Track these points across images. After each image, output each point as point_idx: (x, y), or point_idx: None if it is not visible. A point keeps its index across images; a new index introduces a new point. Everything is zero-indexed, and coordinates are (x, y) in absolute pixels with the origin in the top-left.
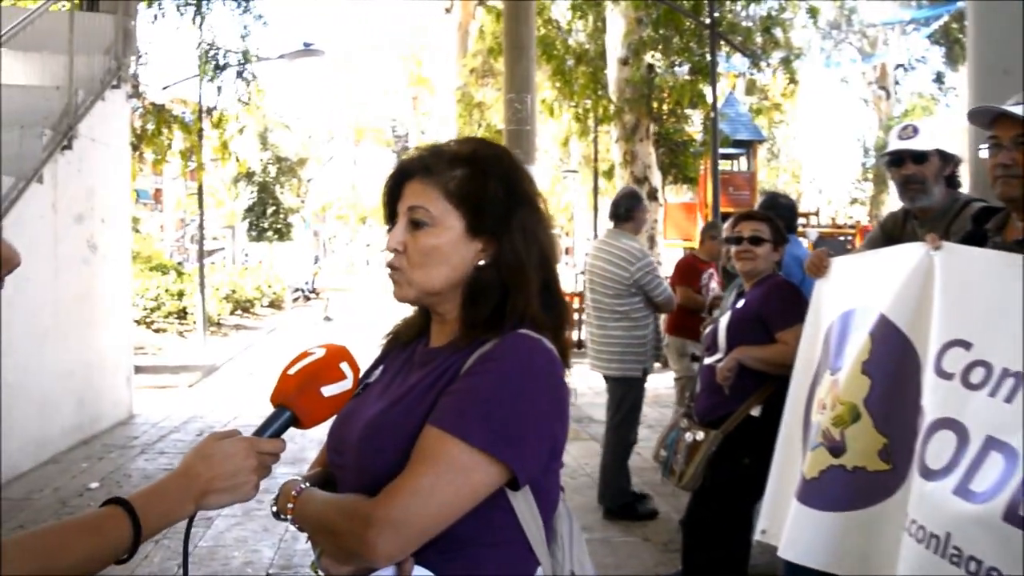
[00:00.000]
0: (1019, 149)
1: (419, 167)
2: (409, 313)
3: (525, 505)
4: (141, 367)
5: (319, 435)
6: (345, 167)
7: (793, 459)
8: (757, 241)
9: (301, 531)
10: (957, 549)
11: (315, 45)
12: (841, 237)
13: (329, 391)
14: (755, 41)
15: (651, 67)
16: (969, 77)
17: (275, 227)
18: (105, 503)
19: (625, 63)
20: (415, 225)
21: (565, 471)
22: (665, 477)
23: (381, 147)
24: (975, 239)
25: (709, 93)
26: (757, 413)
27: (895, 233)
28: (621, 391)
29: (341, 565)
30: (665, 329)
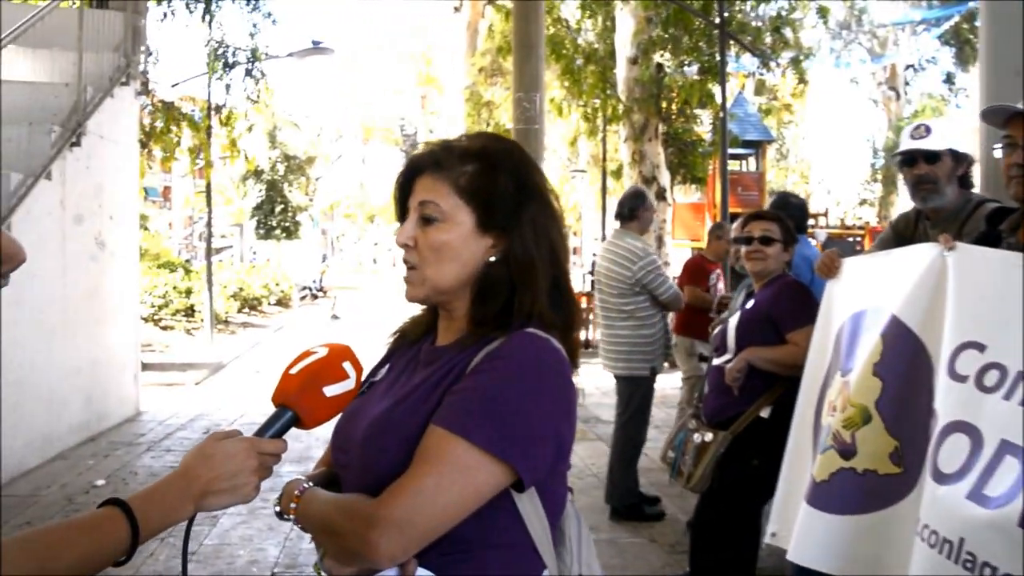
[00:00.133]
0: None
1: (430, 162)
2: (416, 311)
3: (531, 506)
4: (148, 364)
5: (324, 433)
6: (353, 166)
7: (803, 461)
8: (768, 241)
9: (305, 531)
10: (971, 555)
11: (324, 43)
12: (850, 238)
13: (331, 391)
14: (765, 41)
15: (660, 67)
16: (981, 77)
17: (283, 225)
18: (103, 504)
19: (634, 62)
20: (426, 220)
21: (572, 471)
22: (673, 478)
23: (390, 146)
24: (989, 240)
25: (718, 93)
26: (766, 414)
27: (907, 234)
28: (629, 390)
29: (344, 566)
30: (673, 329)
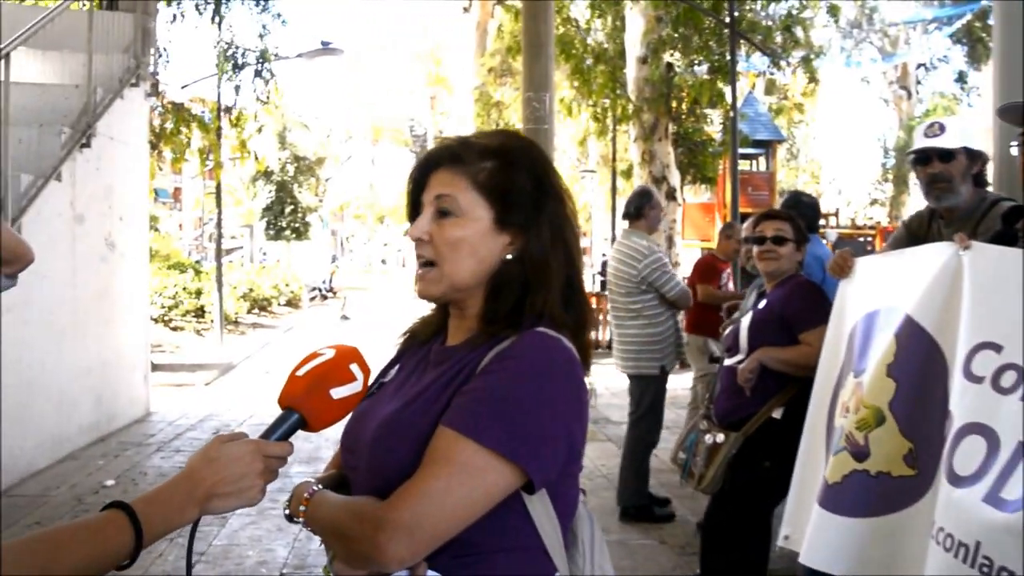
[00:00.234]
0: None
1: (448, 156)
2: (426, 311)
3: (542, 508)
4: (158, 365)
5: (334, 434)
6: (363, 167)
7: (815, 463)
8: (780, 241)
9: (314, 534)
10: (987, 559)
11: (333, 44)
12: (861, 238)
13: (338, 393)
14: (775, 40)
15: (670, 66)
16: (994, 75)
17: (293, 226)
18: (106, 507)
19: (644, 62)
20: (442, 214)
21: (582, 472)
22: (684, 480)
23: (399, 147)
24: (1005, 239)
25: (728, 92)
26: (779, 415)
27: (920, 233)
28: (640, 389)
29: (354, 569)
30: (685, 327)
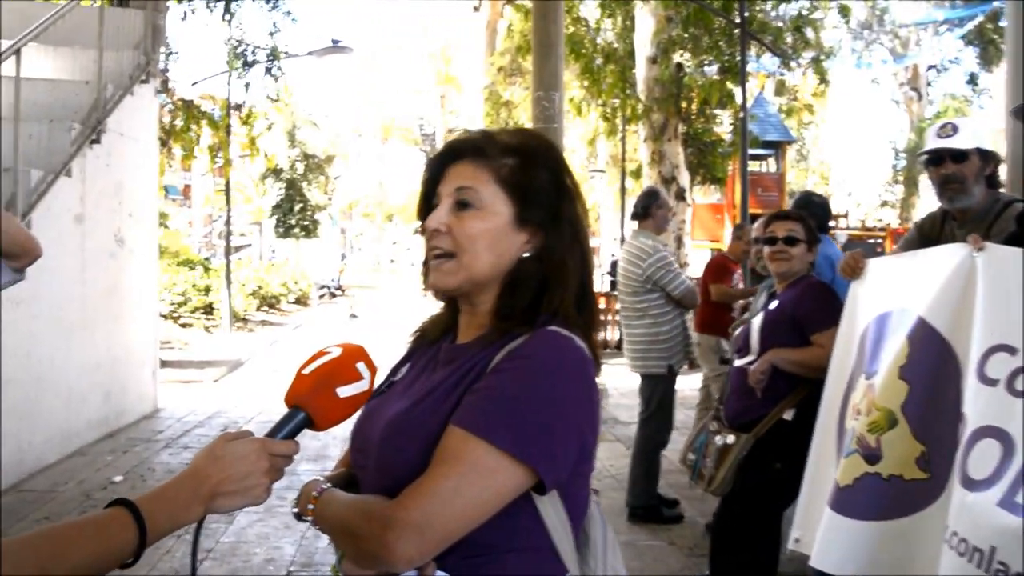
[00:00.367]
0: None
1: (471, 148)
2: (435, 310)
3: (552, 509)
4: (167, 361)
5: (342, 432)
6: (372, 165)
7: (826, 465)
8: (792, 241)
9: (322, 533)
10: (1003, 564)
11: (343, 42)
12: (870, 240)
13: (345, 392)
14: (785, 41)
15: (680, 66)
16: (1008, 77)
17: (302, 224)
18: (110, 504)
19: (654, 62)
20: (461, 206)
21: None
22: (693, 481)
23: (408, 145)
24: (1019, 240)
25: (738, 93)
26: (790, 417)
27: (933, 235)
28: (649, 388)
29: (362, 568)
30: (696, 327)
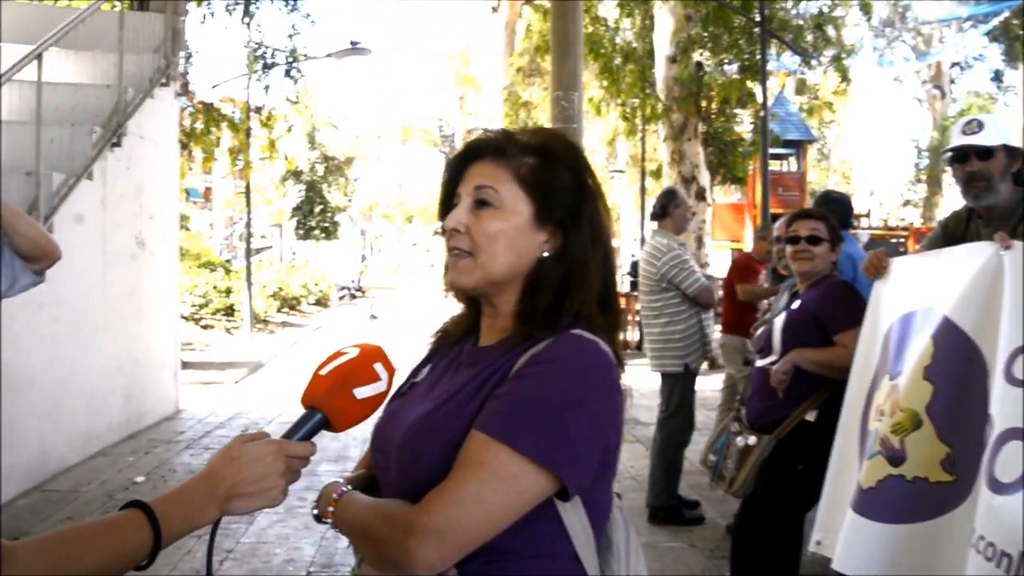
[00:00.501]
0: None
1: (491, 148)
2: (456, 311)
3: (575, 516)
4: (188, 363)
5: (362, 433)
6: (392, 166)
7: (849, 467)
8: (815, 240)
9: (342, 535)
10: None
11: (362, 44)
12: (893, 240)
13: (362, 393)
14: (806, 39)
15: (700, 65)
16: None
17: (322, 226)
18: (125, 506)
19: (673, 61)
20: (480, 204)
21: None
22: (714, 483)
23: (428, 147)
24: None
25: (759, 92)
26: (812, 418)
27: (958, 233)
28: (667, 387)
29: (382, 573)
30: (722, 328)
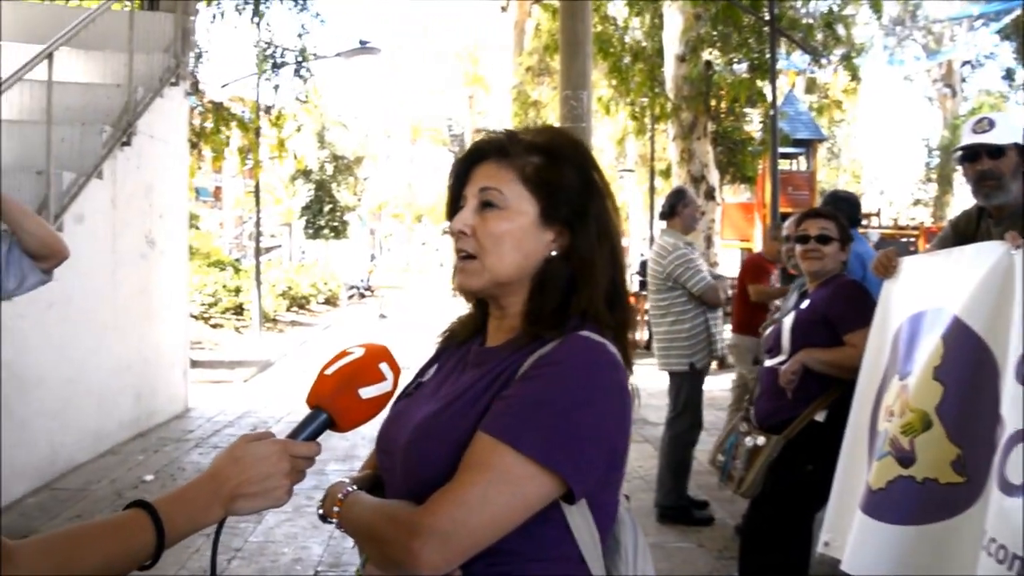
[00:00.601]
0: None
1: (495, 149)
2: (464, 311)
3: (581, 519)
4: (198, 362)
5: (370, 432)
6: (401, 166)
7: (858, 468)
8: (825, 240)
9: (348, 535)
10: None
11: (371, 43)
12: (903, 239)
13: (367, 393)
14: (816, 37)
15: (709, 64)
16: None
17: (331, 225)
18: (129, 506)
19: (682, 60)
20: (485, 206)
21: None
22: (723, 483)
23: (437, 146)
24: None
25: (768, 91)
26: (822, 418)
27: (968, 232)
28: (674, 387)
29: (386, 573)
30: (733, 328)
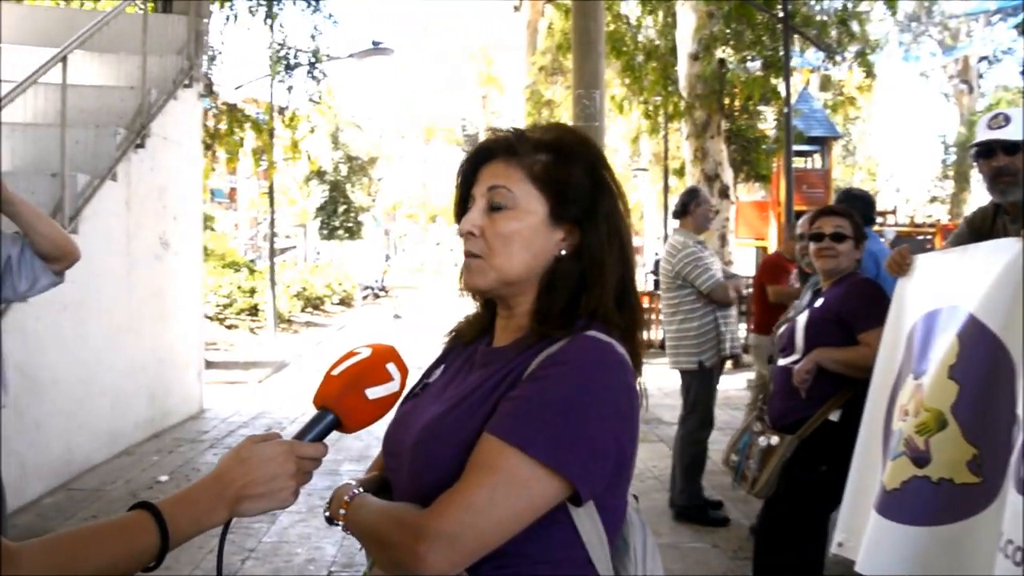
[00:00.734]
0: None
1: (502, 147)
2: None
3: (588, 521)
4: (212, 362)
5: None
6: (415, 166)
7: (872, 468)
8: (840, 238)
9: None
10: None
11: (384, 44)
12: (919, 237)
13: (374, 393)
14: (830, 35)
15: (722, 62)
16: None
17: (346, 226)
18: (133, 507)
19: (696, 58)
20: (494, 207)
21: (634, 473)
22: (736, 483)
23: (451, 146)
24: None
25: (782, 88)
26: (836, 418)
27: (984, 229)
28: (684, 385)
29: None
30: (752, 328)
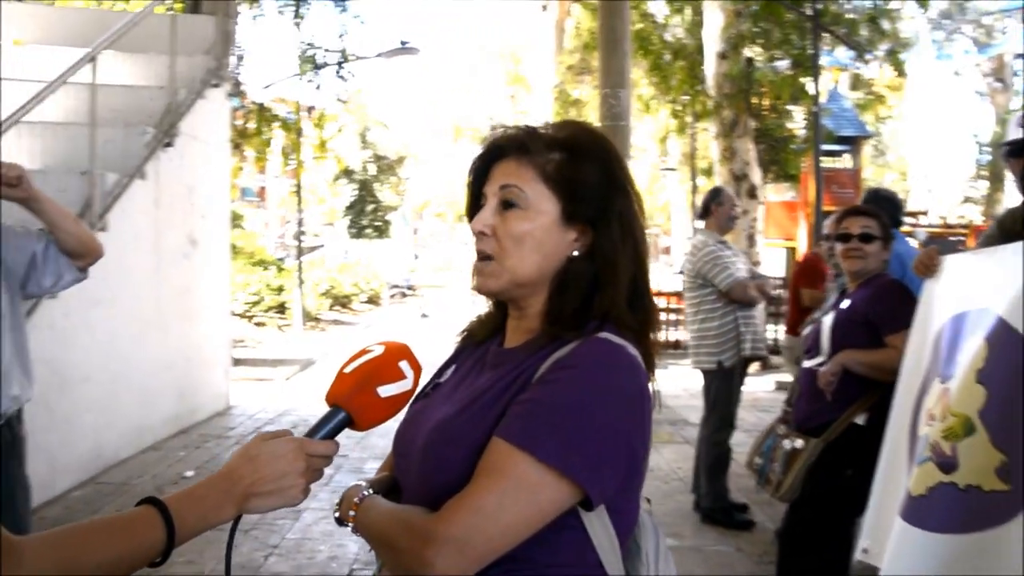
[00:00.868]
0: None
1: (515, 146)
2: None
3: (600, 526)
4: (240, 360)
5: None
6: (443, 165)
7: (898, 473)
8: (867, 238)
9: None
10: None
11: (411, 43)
12: (952, 238)
13: (386, 391)
14: (860, 33)
15: (750, 61)
16: None
17: (374, 224)
18: (140, 502)
19: (723, 57)
20: (506, 206)
21: (658, 475)
22: (760, 486)
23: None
24: None
25: (811, 87)
26: (862, 421)
27: (1015, 230)
28: (705, 385)
29: None
30: (787, 330)
